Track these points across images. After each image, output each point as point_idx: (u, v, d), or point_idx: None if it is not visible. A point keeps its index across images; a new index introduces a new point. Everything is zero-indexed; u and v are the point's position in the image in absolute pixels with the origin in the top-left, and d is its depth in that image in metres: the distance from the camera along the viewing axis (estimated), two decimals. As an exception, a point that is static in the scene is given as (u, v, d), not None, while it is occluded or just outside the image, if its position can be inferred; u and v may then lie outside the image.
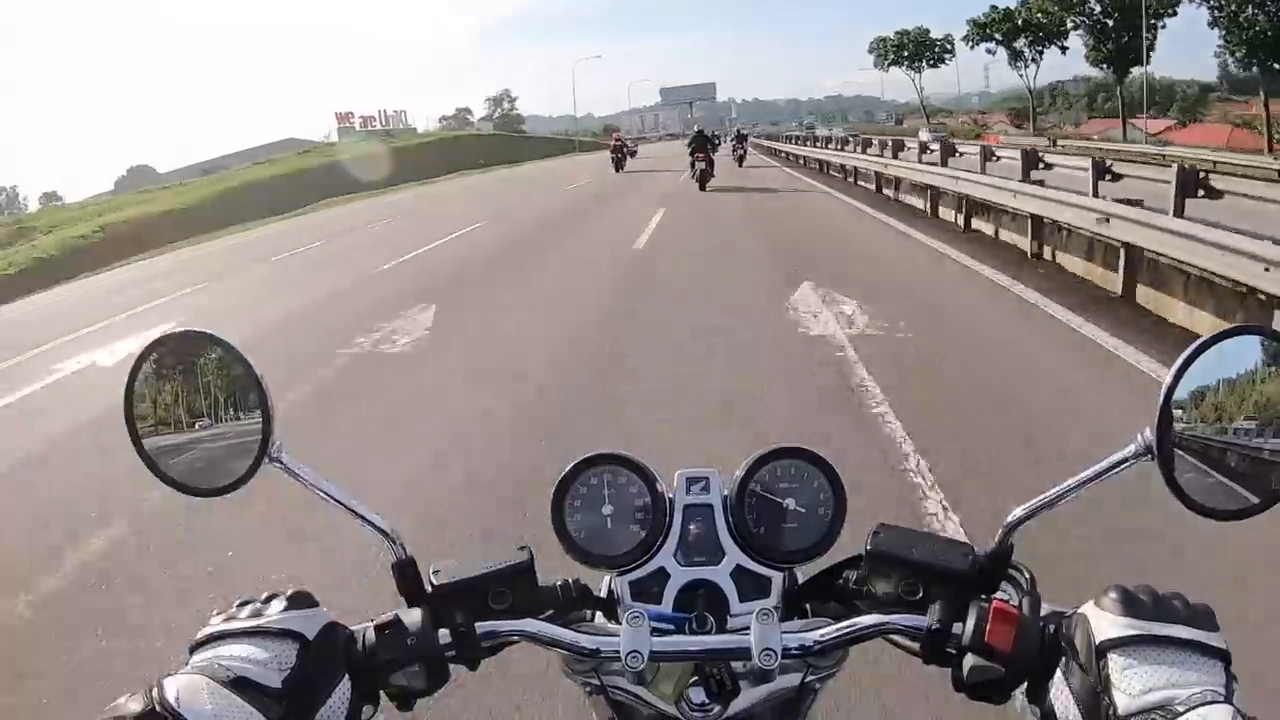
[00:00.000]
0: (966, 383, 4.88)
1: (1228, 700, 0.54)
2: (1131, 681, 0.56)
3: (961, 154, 12.79)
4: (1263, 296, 4.99)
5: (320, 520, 3.16)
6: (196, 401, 0.75)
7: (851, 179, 19.32)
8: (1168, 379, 0.64)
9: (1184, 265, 5.89)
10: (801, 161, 27.64)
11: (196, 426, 0.75)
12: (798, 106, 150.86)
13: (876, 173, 16.28)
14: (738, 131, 34.79)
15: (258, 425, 0.73)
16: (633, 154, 30.85)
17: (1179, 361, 0.63)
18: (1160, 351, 5.06)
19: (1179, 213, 6.15)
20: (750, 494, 0.78)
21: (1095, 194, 7.52)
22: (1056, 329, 5.97)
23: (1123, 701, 0.56)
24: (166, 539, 3.56)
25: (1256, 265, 4.87)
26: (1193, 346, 0.64)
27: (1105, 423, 3.94)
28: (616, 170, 28.83)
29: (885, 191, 15.77)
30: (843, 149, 21.66)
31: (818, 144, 26.48)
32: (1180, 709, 0.54)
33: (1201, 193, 6.20)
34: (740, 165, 26.88)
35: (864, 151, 18.94)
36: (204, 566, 3.28)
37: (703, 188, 19.19)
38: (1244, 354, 0.64)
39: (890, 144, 16.85)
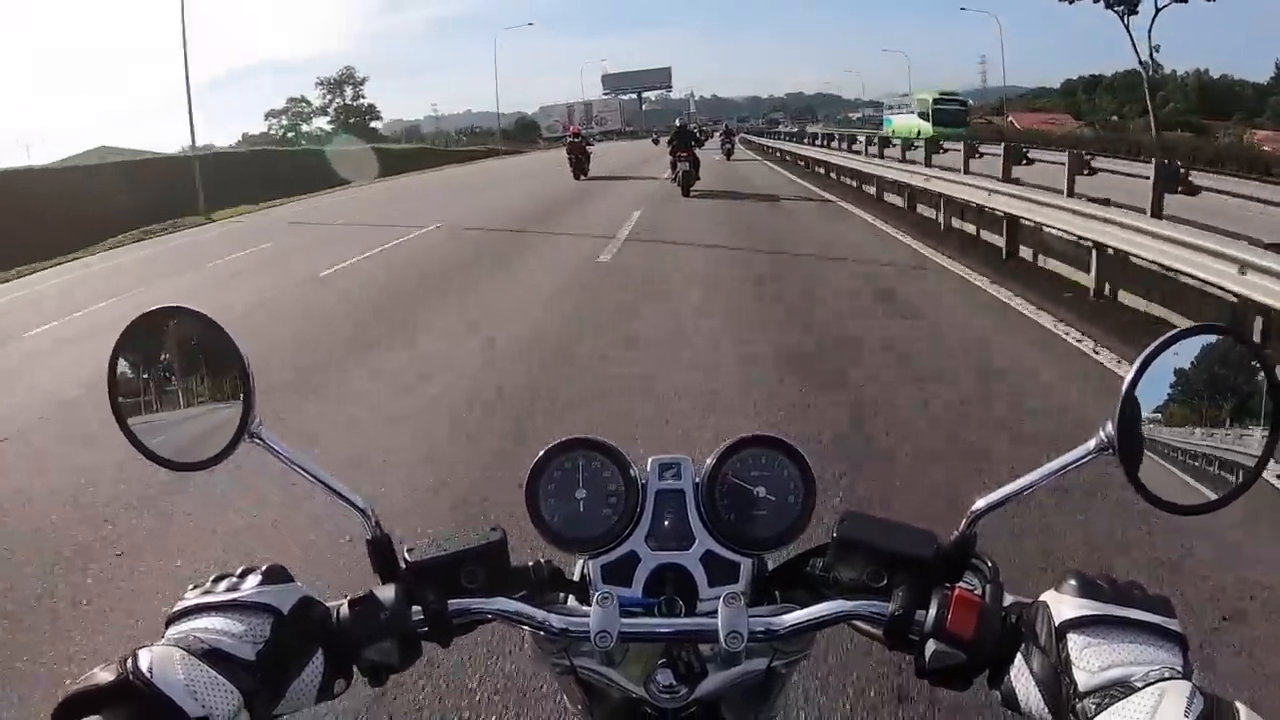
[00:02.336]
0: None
1: (1186, 677, 0.55)
2: (1091, 659, 0.57)
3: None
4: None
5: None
6: (179, 377, 0.76)
7: (868, 189, 15.45)
8: (1129, 375, 0.65)
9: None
10: (799, 164, 24.89)
11: (179, 402, 0.75)
12: (759, 104, 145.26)
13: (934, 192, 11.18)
14: (726, 128, 36.21)
15: (239, 401, 0.74)
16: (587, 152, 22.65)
17: (1140, 358, 0.65)
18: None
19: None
20: (721, 481, 0.80)
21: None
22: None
23: (1082, 679, 0.57)
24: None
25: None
26: (1154, 344, 0.65)
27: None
28: (577, 177, 21.28)
29: (922, 209, 12.12)
30: (851, 149, 18.92)
31: (817, 142, 24.08)
32: (1139, 685, 0.55)
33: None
34: (729, 159, 27.88)
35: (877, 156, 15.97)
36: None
37: (686, 192, 16.10)
38: (1204, 352, 0.66)
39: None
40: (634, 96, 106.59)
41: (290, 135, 78.71)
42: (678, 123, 17.55)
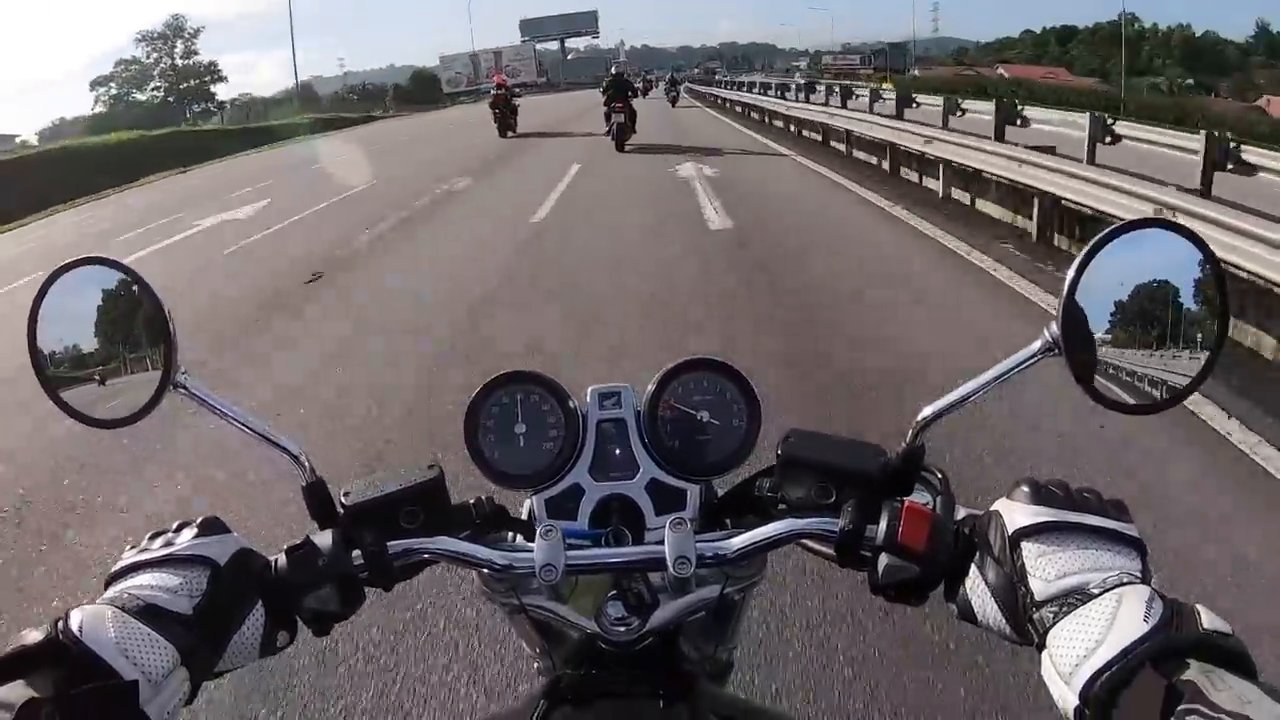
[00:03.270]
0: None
1: (1145, 582, 0.55)
2: (1046, 568, 0.57)
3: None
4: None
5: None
6: (100, 330, 0.73)
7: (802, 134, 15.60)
8: (1070, 272, 0.64)
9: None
10: (738, 110, 24.45)
11: (102, 356, 0.73)
12: (691, 53, 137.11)
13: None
14: (672, 76, 37.46)
15: (160, 351, 0.71)
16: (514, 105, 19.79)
17: (1082, 253, 0.64)
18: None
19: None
20: (664, 407, 0.78)
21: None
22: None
23: (1038, 587, 0.56)
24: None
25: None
26: (1096, 238, 0.64)
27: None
28: (502, 135, 19.12)
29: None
30: (808, 101, 16.57)
31: (770, 92, 21.59)
32: (1096, 591, 0.54)
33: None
34: (674, 106, 29.29)
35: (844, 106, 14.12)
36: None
37: (620, 148, 14.70)
38: (1146, 246, 0.64)
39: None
40: (556, 45, 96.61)
41: (113, 110, 58.49)
42: (613, 70, 16.04)
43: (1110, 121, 6.91)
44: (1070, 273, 0.64)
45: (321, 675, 2.20)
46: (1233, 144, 5.57)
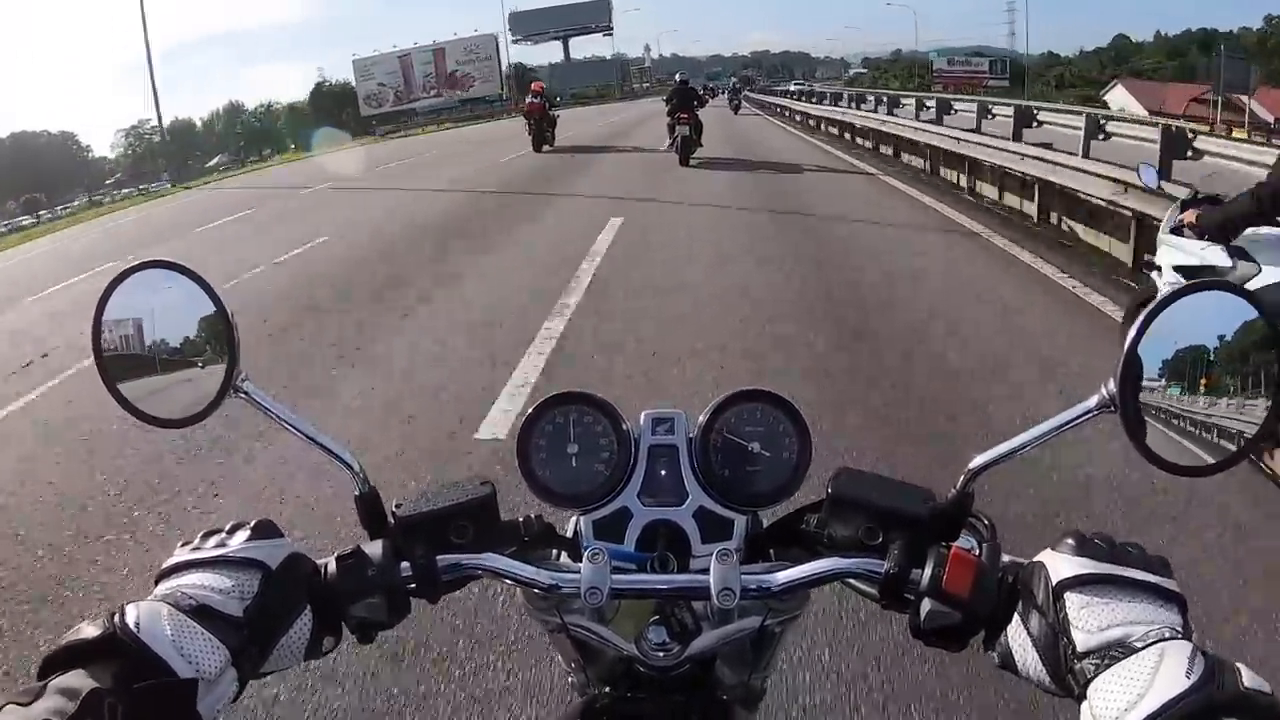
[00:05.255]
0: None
1: (1186, 638, 0.55)
2: (1089, 619, 0.56)
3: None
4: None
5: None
6: (163, 333, 0.74)
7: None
8: (1131, 333, 0.64)
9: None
10: (810, 124, 21.90)
11: (165, 358, 0.74)
12: (724, 62, 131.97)
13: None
14: (734, 84, 37.15)
15: (223, 356, 0.73)
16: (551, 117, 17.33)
17: (1143, 315, 0.63)
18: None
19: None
20: (715, 436, 0.79)
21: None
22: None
23: (1081, 639, 0.56)
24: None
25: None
26: (1156, 300, 0.63)
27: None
28: (537, 149, 17.30)
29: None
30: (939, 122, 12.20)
31: (841, 104, 19.63)
32: (1139, 645, 0.54)
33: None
34: (736, 113, 29.84)
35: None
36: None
37: (684, 161, 13.50)
38: (1208, 309, 0.64)
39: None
40: (559, 43, 74.20)
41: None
42: (678, 79, 15.04)
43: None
44: (1131, 333, 0.63)
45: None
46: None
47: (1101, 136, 7.67)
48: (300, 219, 12.08)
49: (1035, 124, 9.43)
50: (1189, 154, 6.17)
